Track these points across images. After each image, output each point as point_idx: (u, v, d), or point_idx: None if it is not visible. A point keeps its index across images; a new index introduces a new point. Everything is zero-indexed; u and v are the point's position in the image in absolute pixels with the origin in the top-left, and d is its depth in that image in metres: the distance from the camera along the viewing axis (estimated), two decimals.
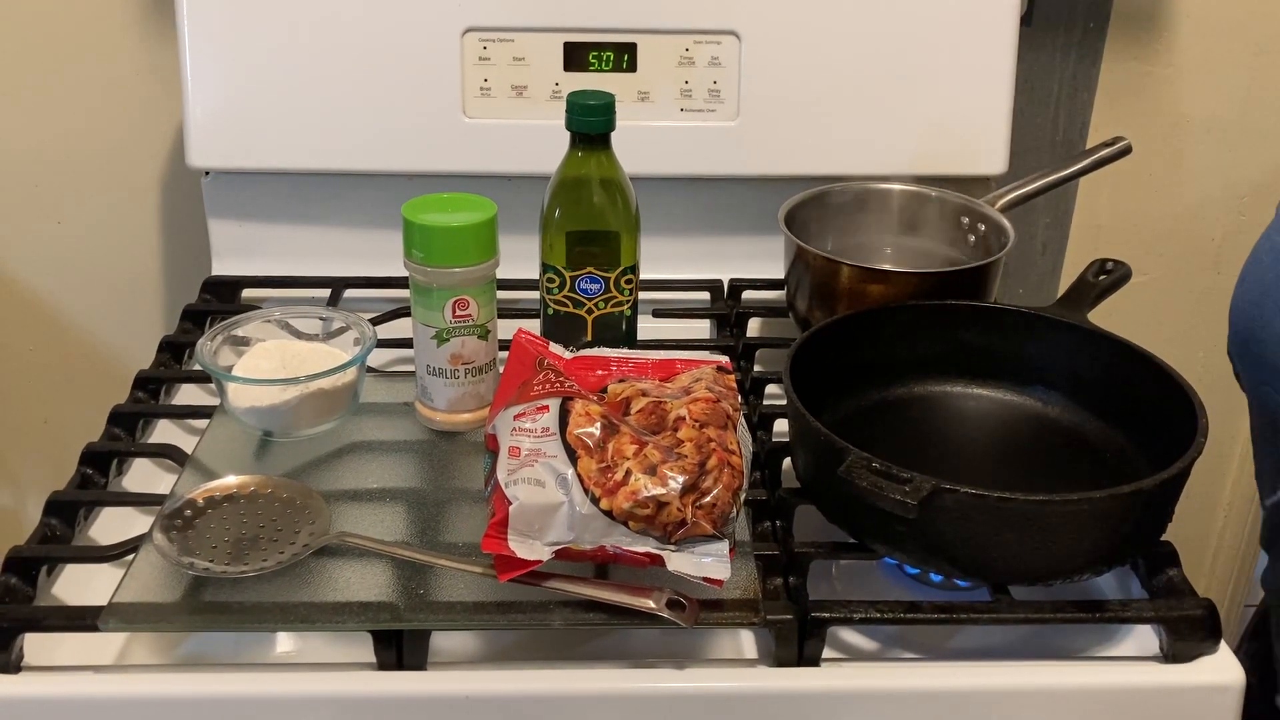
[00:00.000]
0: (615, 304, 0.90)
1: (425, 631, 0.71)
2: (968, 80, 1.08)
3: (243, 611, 0.70)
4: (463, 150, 1.07)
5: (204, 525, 0.75)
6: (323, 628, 0.71)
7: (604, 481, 0.69)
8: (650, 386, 0.78)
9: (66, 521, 0.79)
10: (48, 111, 1.21)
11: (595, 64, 1.06)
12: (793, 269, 0.99)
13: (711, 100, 1.07)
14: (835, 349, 0.87)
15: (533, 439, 0.72)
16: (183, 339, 1.01)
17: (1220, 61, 1.26)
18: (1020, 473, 0.84)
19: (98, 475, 0.84)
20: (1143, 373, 0.82)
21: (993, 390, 0.90)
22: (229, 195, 1.11)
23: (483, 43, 1.05)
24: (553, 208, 0.88)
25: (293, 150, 1.07)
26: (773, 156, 1.08)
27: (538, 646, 0.74)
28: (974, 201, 1.03)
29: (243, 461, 0.84)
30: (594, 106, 0.85)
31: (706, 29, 1.06)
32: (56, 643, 0.72)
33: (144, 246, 1.28)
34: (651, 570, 0.70)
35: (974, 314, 0.91)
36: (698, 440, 0.72)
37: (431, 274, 0.83)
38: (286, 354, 0.88)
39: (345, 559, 0.74)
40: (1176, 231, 1.34)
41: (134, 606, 0.70)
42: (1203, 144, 1.30)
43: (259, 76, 1.05)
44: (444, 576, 0.73)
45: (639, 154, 0.90)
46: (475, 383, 0.87)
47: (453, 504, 0.81)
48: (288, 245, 1.12)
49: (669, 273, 1.09)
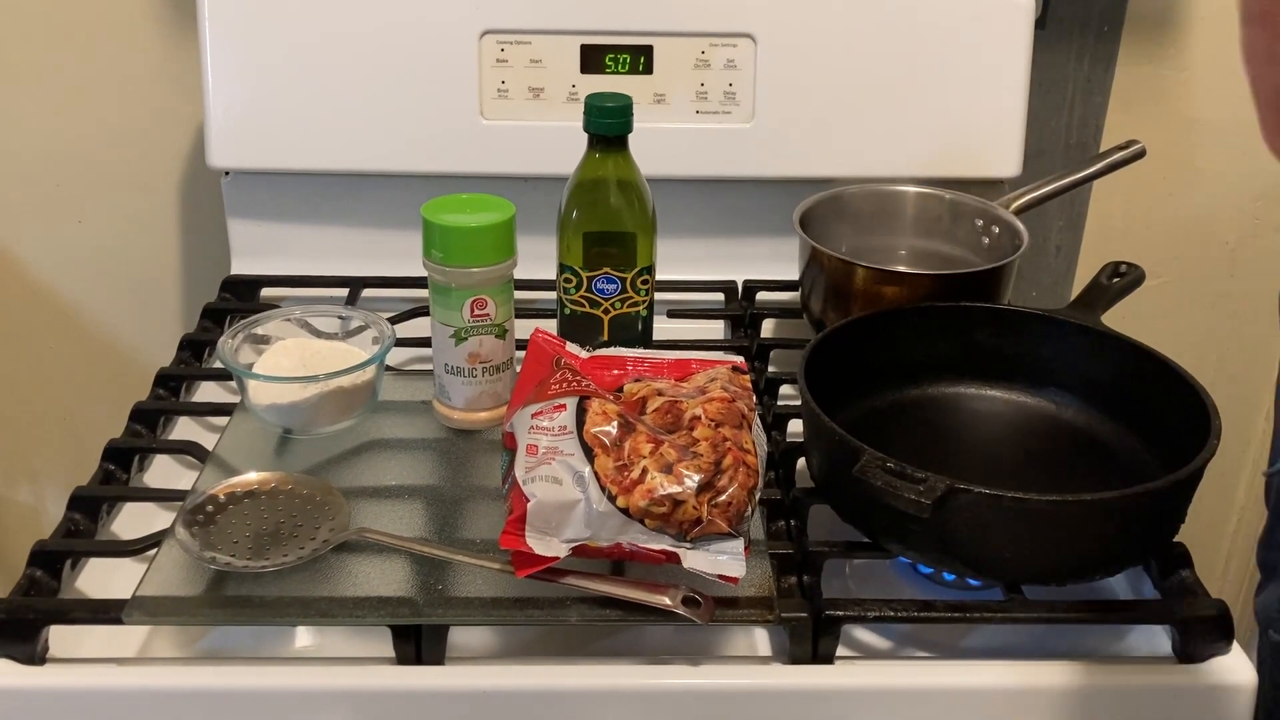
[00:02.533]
0: (631, 304, 0.90)
1: (443, 626, 0.71)
2: (982, 83, 1.08)
3: (263, 606, 0.71)
4: (480, 152, 1.08)
5: (225, 521, 0.76)
6: (342, 622, 0.72)
7: (620, 479, 0.70)
8: (666, 386, 0.79)
9: (90, 516, 0.80)
10: (69, 112, 1.22)
11: (612, 66, 1.07)
12: (807, 270, 0.99)
13: (727, 102, 1.08)
14: (849, 350, 0.87)
15: (550, 437, 0.73)
16: (203, 337, 1.02)
17: (1234, 65, 1.23)
18: (1033, 474, 0.85)
19: (120, 471, 0.85)
20: (1156, 375, 0.83)
21: (1006, 392, 0.91)
22: (248, 195, 1.12)
23: (500, 45, 1.06)
24: (570, 209, 0.88)
25: (312, 151, 1.08)
26: (788, 158, 1.09)
27: (554, 642, 0.74)
28: (988, 204, 1.04)
29: (263, 458, 0.85)
30: (612, 109, 0.85)
31: (722, 31, 1.06)
32: (81, 635, 0.73)
33: (164, 245, 1.28)
34: (667, 567, 0.70)
35: (988, 316, 0.91)
36: (713, 439, 0.72)
37: (450, 274, 0.84)
38: (306, 352, 0.89)
39: (364, 554, 0.75)
40: (1190, 234, 1.33)
41: (157, 600, 0.71)
42: (1217, 147, 1.29)
43: (279, 78, 1.06)
44: (462, 572, 0.73)
45: (655, 156, 0.91)
46: (493, 381, 0.87)
47: (470, 501, 0.82)
48: (307, 245, 1.12)
49: (684, 273, 1.10)
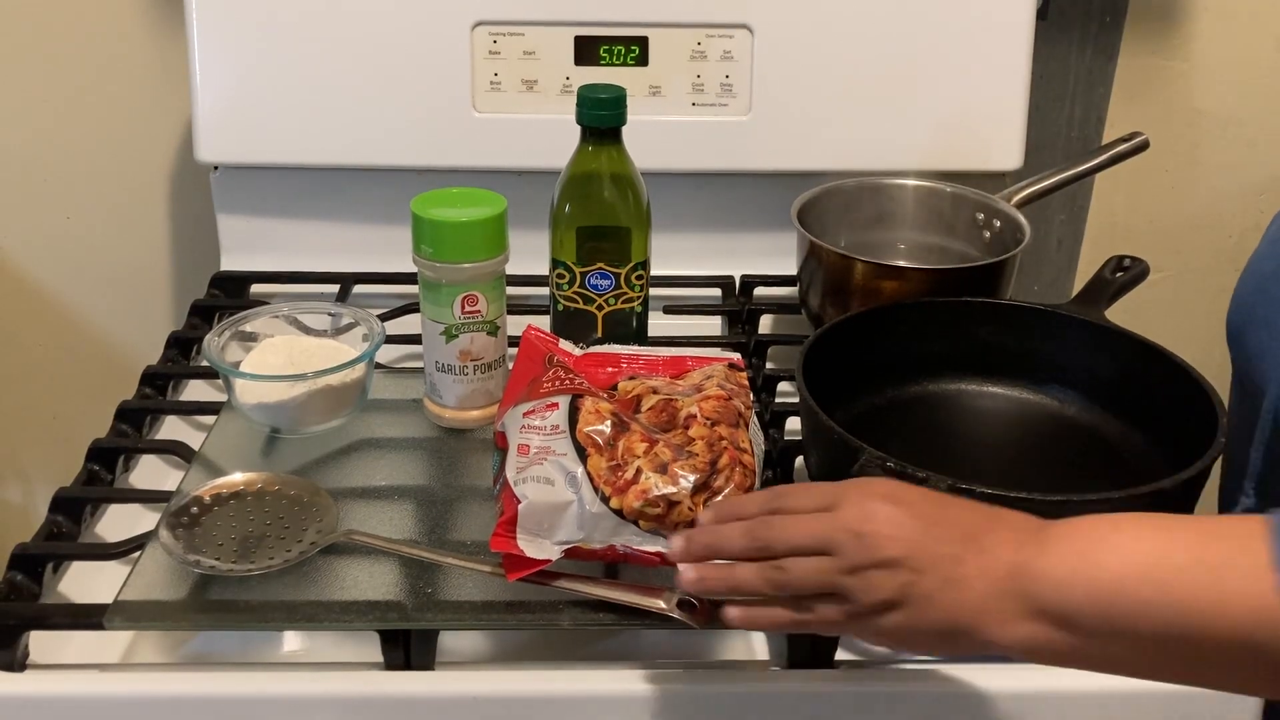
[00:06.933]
0: (626, 300, 0.89)
1: (433, 631, 0.70)
2: (983, 75, 1.07)
3: (249, 610, 0.70)
4: (472, 145, 1.06)
5: (210, 523, 0.74)
6: (330, 627, 0.70)
7: (614, 480, 0.69)
8: (661, 384, 0.78)
9: (73, 518, 0.79)
10: (56, 106, 1.21)
11: (606, 58, 1.05)
12: (805, 265, 0.98)
13: (724, 95, 1.07)
14: (848, 346, 0.86)
15: (542, 436, 0.72)
16: (191, 334, 1.01)
17: (1238, 56, 1.25)
18: (1036, 472, 0.83)
19: (104, 472, 0.84)
20: (1161, 371, 0.81)
21: (1008, 388, 0.90)
22: (238, 190, 1.11)
23: (493, 36, 1.05)
24: (563, 203, 0.87)
25: (301, 145, 1.06)
26: (785, 151, 1.08)
27: (547, 647, 0.73)
28: (989, 197, 1.02)
29: (250, 458, 0.84)
30: (605, 100, 0.84)
31: (719, 22, 1.05)
32: (62, 641, 0.71)
33: (153, 241, 1.27)
34: (662, 570, 0.69)
35: (989, 311, 0.90)
36: (709, 438, 0.71)
37: (441, 270, 0.83)
38: (294, 350, 0.87)
39: (353, 557, 0.73)
40: (1194, 228, 1.33)
41: (140, 604, 0.70)
42: (1220, 140, 1.28)
43: (268, 71, 1.05)
44: (452, 575, 0.72)
45: (650, 149, 0.89)
46: (484, 379, 0.86)
47: (461, 502, 0.81)
48: (296, 240, 1.11)
49: (680, 269, 1.09)
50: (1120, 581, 0.53)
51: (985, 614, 0.56)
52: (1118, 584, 0.53)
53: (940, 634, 0.57)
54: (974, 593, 0.56)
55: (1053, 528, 0.57)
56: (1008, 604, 0.55)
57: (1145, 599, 0.53)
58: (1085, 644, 0.54)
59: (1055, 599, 0.54)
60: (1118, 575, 0.53)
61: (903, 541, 0.57)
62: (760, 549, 0.60)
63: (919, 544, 0.57)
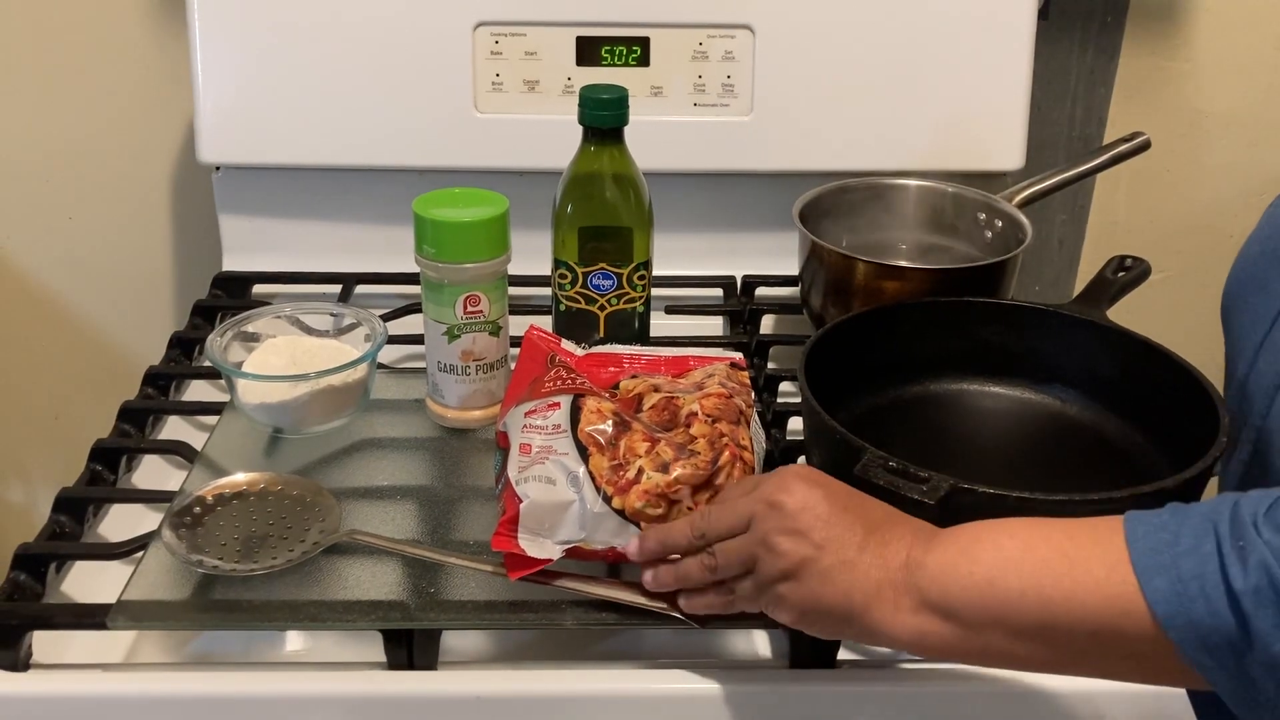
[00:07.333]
0: (628, 300, 0.89)
1: (436, 630, 0.70)
2: (984, 75, 1.07)
3: (252, 610, 0.70)
4: (474, 145, 1.06)
5: (213, 523, 0.74)
6: (333, 626, 0.70)
7: (616, 479, 0.69)
8: (663, 382, 0.78)
9: (76, 518, 0.79)
10: (59, 107, 1.21)
11: (608, 58, 1.05)
12: (807, 265, 0.98)
13: (725, 95, 1.07)
14: (850, 346, 0.86)
15: (544, 436, 0.72)
16: (193, 334, 1.01)
17: (1239, 56, 1.25)
18: (1039, 472, 0.83)
19: (107, 472, 0.84)
20: (1162, 370, 0.81)
21: (1010, 388, 0.90)
22: (240, 190, 1.11)
23: (494, 37, 1.05)
24: (565, 203, 0.87)
25: (304, 145, 1.06)
26: (787, 152, 1.08)
27: (549, 646, 0.73)
28: (990, 197, 1.02)
29: (252, 458, 0.84)
30: (607, 101, 0.84)
31: (720, 23, 1.05)
32: (65, 640, 0.71)
33: (155, 242, 1.27)
34: None
35: (991, 311, 0.90)
36: (710, 436, 0.71)
37: (443, 270, 0.83)
38: (297, 350, 0.88)
39: (355, 557, 0.73)
40: (1195, 228, 1.32)
41: (143, 604, 0.70)
42: (1221, 140, 1.28)
43: (270, 71, 1.05)
44: (455, 575, 0.72)
45: (652, 149, 0.89)
46: (486, 379, 0.86)
47: (463, 502, 0.81)
48: (298, 241, 1.11)
49: (682, 269, 1.09)
50: (991, 573, 0.57)
51: (879, 601, 0.59)
52: (989, 576, 0.57)
53: (834, 614, 0.60)
54: (869, 579, 0.59)
55: (946, 530, 0.60)
56: (900, 596, 0.59)
57: (1015, 589, 0.56)
58: (968, 636, 0.58)
59: (938, 591, 0.58)
60: (989, 568, 0.57)
61: (810, 514, 0.61)
62: (700, 538, 0.65)
63: (826, 521, 0.60)
